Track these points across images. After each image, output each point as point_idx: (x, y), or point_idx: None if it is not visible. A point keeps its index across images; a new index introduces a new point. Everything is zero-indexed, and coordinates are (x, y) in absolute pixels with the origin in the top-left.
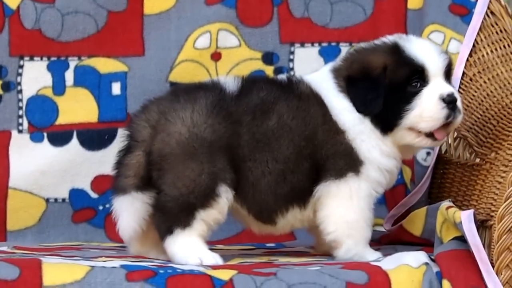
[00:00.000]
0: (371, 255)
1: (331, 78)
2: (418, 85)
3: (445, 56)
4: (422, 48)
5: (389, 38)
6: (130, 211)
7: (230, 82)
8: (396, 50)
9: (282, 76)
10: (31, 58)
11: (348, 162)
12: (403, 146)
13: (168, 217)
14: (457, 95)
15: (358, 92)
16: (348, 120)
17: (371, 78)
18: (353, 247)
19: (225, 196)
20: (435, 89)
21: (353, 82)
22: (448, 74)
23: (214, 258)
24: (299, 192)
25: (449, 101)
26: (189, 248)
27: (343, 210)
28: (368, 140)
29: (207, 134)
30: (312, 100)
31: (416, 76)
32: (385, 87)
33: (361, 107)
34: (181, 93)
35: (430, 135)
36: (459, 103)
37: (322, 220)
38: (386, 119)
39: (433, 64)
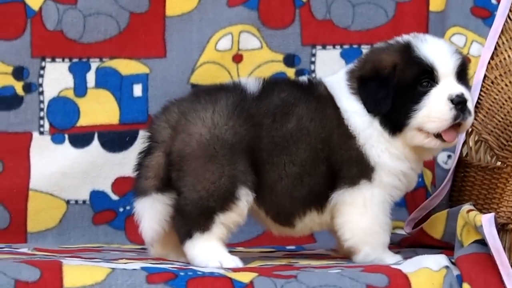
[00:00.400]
0: (391, 259)
1: (345, 80)
2: (428, 85)
3: (457, 56)
4: (433, 48)
5: (403, 37)
6: (151, 212)
7: (251, 83)
8: (407, 49)
9: (303, 78)
10: (53, 60)
11: (360, 169)
12: (417, 148)
13: (187, 221)
14: (467, 96)
15: (368, 91)
16: (358, 124)
17: (381, 77)
18: (371, 252)
19: (245, 199)
20: (444, 89)
21: (364, 82)
22: (460, 74)
23: (234, 261)
24: (316, 196)
25: (458, 102)
26: (208, 252)
27: (358, 217)
28: (377, 145)
29: (228, 135)
30: (328, 102)
31: (425, 75)
32: (394, 86)
33: (371, 106)
34: (202, 94)
35: (438, 136)
36: (469, 104)
37: (339, 227)
38: (395, 119)
39: (444, 64)
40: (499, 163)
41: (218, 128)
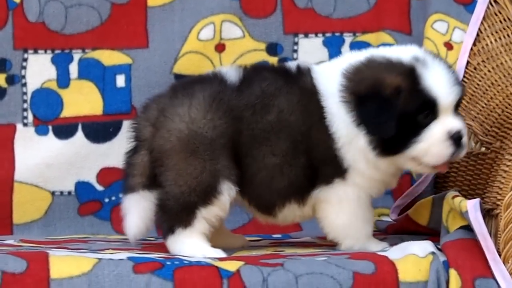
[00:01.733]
0: (376, 246)
1: (339, 85)
2: (428, 117)
3: (458, 89)
4: (438, 79)
5: (404, 56)
6: (137, 209)
7: (231, 73)
8: (412, 75)
9: (292, 64)
10: (35, 51)
11: (335, 169)
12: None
13: (169, 216)
14: (464, 131)
15: (368, 112)
16: (341, 129)
17: (382, 98)
18: (353, 244)
19: (227, 193)
20: (445, 125)
21: (362, 101)
22: (458, 105)
23: (218, 253)
24: (296, 188)
25: (457, 138)
26: (192, 247)
27: (334, 214)
28: (355, 151)
29: (208, 130)
30: (312, 97)
31: (428, 108)
32: (397, 110)
33: (373, 129)
34: (179, 88)
35: (431, 166)
36: (465, 139)
37: (319, 221)
38: (391, 144)
39: (446, 99)
40: (483, 149)
41: (196, 122)
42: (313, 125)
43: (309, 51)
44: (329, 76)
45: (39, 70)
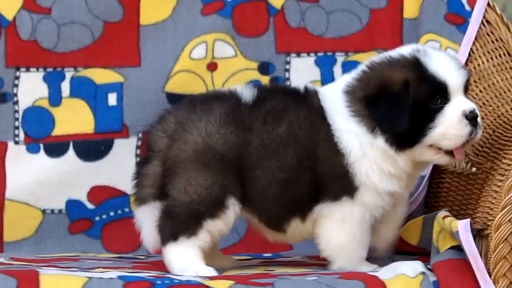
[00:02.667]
0: (366, 268)
1: (343, 101)
2: (440, 102)
3: (464, 71)
4: (443, 64)
5: (404, 51)
6: (151, 220)
7: (246, 92)
8: (417, 65)
9: (300, 86)
10: (27, 69)
11: (344, 186)
12: (418, 163)
13: (175, 223)
14: (477, 111)
15: (380, 111)
16: (351, 144)
17: (391, 94)
18: (344, 265)
19: (233, 208)
20: (458, 106)
21: (373, 102)
22: (466, 89)
23: (210, 272)
24: (299, 203)
25: (472, 118)
26: (187, 260)
27: (334, 233)
28: (369, 164)
29: (220, 145)
30: (318, 115)
31: (438, 93)
32: (408, 103)
33: (387, 126)
34: (197, 103)
35: (449, 152)
36: (479, 119)
37: (316, 236)
38: (406, 136)
39: (455, 81)
40: (474, 169)
41: (211, 137)
42: (319, 143)
43: (301, 71)
44: (332, 97)
45: (31, 88)
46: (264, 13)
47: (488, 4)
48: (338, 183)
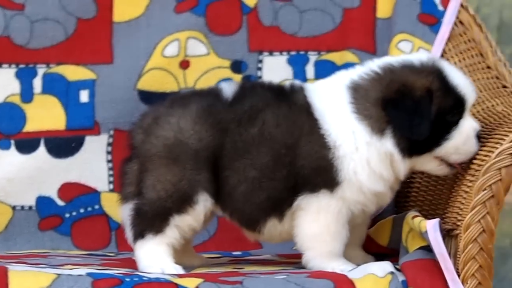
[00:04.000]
0: (336, 265)
1: (347, 97)
2: (455, 115)
3: (475, 91)
4: (463, 79)
5: (424, 58)
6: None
7: (227, 88)
8: (441, 75)
9: (287, 83)
10: (0, 65)
11: (325, 179)
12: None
13: (142, 221)
14: None
15: (401, 115)
16: (342, 138)
17: (413, 100)
18: (311, 258)
19: (203, 204)
20: (471, 123)
21: (393, 105)
22: None
23: (176, 270)
24: (275, 201)
25: (478, 137)
26: (153, 257)
27: (308, 223)
28: (359, 161)
29: (193, 141)
30: (302, 111)
31: (459, 107)
32: (430, 111)
33: (407, 131)
34: (177, 99)
35: (450, 164)
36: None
37: (293, 229)
38: (421, 144)
39: (471, 98)
40: None
41: (183, 133)
42: (301, 136)
43: (273, 69)
44: (326, 92)
45: (2, 84)
46: (237, 11)
47: (461, 5)
48: (319, 176)
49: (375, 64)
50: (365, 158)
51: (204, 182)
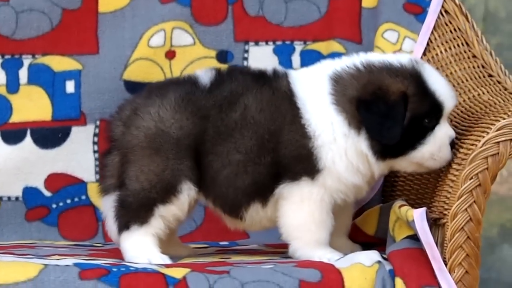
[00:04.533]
0: (323, 254)
1: (328, 87)
2: (431, 121)
3: (455, 96)
4: (442, 85)
5: (404, 60)
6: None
7: (204, 75)
8: (418, 79)
9: (269, 68)
10: None
11: (305, 167)
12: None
13: (127, 212)
14: None
15: (373, 118)
16: (321, 128)
17: (387, 103)
18: (298, 248)
19: (187, 193)
20: (446, 129)
21: (366, 107)
22: None
23: (163, 260)
24: (260, 187)
25: (452, 144)
26: (140, 248)
27: (292, 213)
28: (336, 151)
29: (174, 130)
30: (285, 98)
31: (435, 113)
32: (403, 116)
33: (377, 135)
34: (154, 89)
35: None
36: None
37: (278, 219)
38: (395, 148)
39: (450, 105)
40: None
41: (163, 122)
42: (284, 125)
43: (259, 59)
44: (309, 80)
45: None
46: (223, 1)
47: None
48: (300, 164)
49: (358, 59)
50: (343, 148)
51: (186, 171)
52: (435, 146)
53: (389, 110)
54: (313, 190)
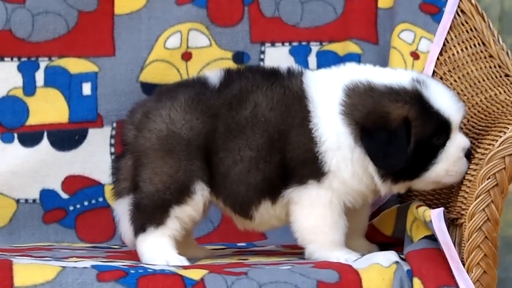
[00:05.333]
0: (341, 255)
1: (340, 98)
2: (441, 138)
3: (462, 106)
4: (446, 100)
5: (405, 81)
6: (127, 214)
7: (212, 76)
8: (420, 101)
9: (284, 66)
10: (2, 59)
11: (312, 170)
12: None
13: (142, 214)
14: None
15: (375, 146)
16: (327, 134)
17: (388, 131)
18: (314, 251)
19: (201, 193)
20: (458, 142)
21: (368, 135)
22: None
23: (181, 261)
24: (270, 184)
25: (468, 154)
26: (157, 250)
27: (304, 217)
28: (342, 158)
29: (185, 131)
30: (296, 98)
31: (443, 131)
32: (406, 142)
33: (380, 163)
34: (164, 92)
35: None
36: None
37: (291, 225)
38: (407, 172)
39: (457, 118)
40: None
41: (174, 124)
42: (293, 126)
43: (275, 60)
44: (324, 83)
45: (5, 77)
46: (238, 2)
47: None
48: (306, 168)
49: (370, 77)
50: (349, 158)
51: (198, 171)
52: (448, 163)
53: (391, 137)
54: (321, 193)
